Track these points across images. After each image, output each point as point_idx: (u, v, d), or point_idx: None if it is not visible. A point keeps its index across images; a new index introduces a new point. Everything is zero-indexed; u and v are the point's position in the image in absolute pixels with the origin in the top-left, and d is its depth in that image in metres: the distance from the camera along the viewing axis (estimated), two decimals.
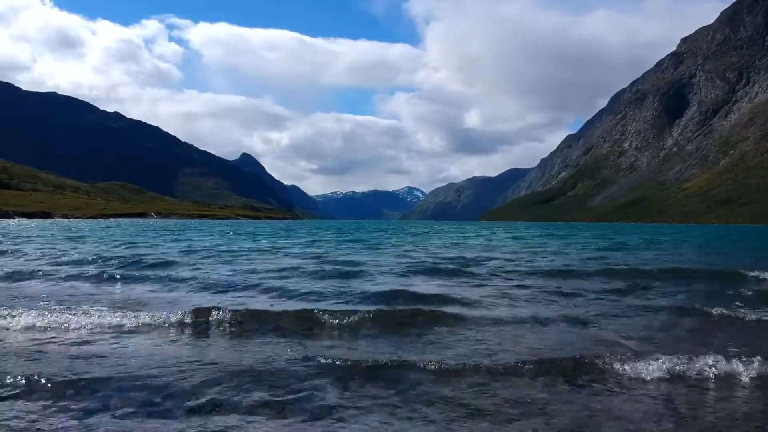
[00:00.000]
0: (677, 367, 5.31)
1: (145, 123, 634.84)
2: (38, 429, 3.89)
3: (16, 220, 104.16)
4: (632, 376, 5.19)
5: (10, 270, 12.99)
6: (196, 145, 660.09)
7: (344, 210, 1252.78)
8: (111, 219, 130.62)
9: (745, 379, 5.13)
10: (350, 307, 8.64)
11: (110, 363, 5.37)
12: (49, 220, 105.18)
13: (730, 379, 5.14)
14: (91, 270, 13.26)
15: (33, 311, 7.38)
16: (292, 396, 4.57)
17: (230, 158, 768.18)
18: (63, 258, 16.67)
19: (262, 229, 64.57)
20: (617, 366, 5.34)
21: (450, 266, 15.25)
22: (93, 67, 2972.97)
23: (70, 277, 11.97)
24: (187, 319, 7.30)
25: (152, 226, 66.98)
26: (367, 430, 4.00)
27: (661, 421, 4.22)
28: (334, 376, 5.06)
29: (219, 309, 7.56)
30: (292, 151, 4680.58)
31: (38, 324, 6.93)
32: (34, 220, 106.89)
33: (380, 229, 63.65)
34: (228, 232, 46.71)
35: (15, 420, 4.01)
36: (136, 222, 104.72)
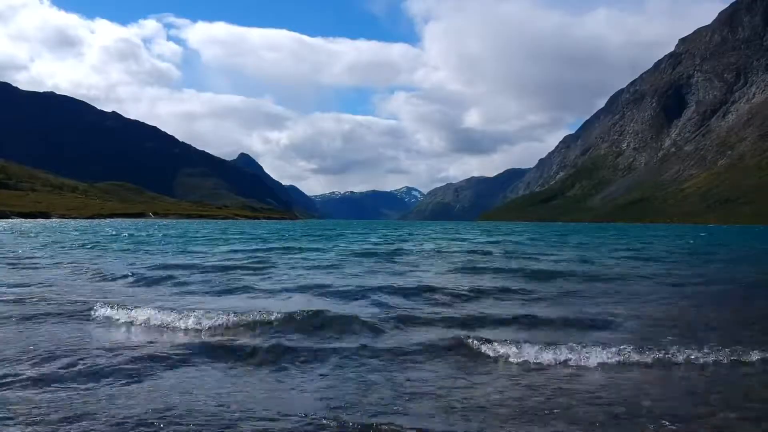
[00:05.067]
0: None
1: (143, 123, 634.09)
2: None
3: (14, 220, 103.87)
4: None
5: None
6: (195, 145, 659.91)
7: (343, 210, 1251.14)
8: (108, 219, 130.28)
9: None
10: None
11: None
12: (48, 220, 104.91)
13: None
14: None
15: None
16: None
17: (229, 158, 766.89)
18: None
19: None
20: None
21: None
22: (91, 67, 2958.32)
23: None
24: None
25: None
26: None
27: None
28: None
29: None
30: (292, 151, 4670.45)
31: None
32: (32, 220, 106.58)
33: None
34: None
35: None
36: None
